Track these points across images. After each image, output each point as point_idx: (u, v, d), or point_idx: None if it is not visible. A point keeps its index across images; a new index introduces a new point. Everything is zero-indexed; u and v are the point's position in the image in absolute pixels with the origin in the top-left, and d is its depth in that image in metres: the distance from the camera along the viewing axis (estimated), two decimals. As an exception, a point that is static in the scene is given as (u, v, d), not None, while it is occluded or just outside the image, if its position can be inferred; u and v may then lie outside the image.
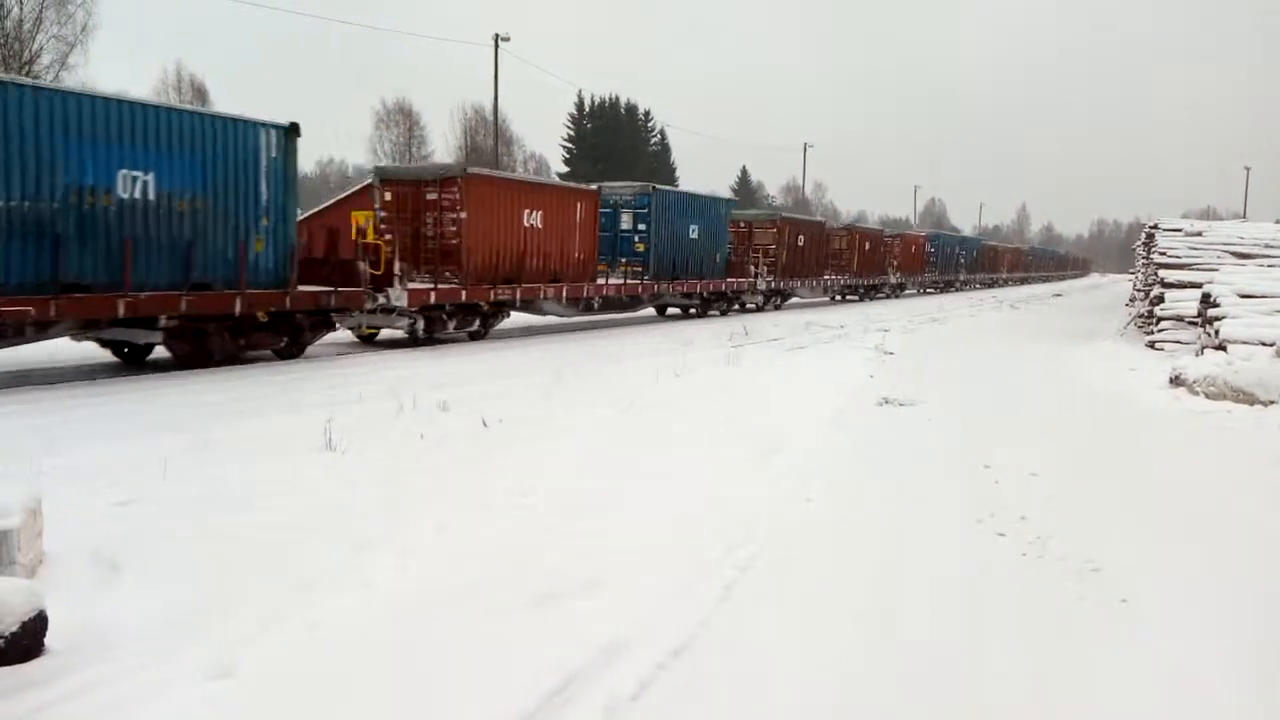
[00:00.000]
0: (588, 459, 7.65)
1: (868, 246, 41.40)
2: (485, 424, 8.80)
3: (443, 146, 66.55)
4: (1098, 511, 6.66)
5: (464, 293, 17.78)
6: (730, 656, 4.11)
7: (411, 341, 17.40)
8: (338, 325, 16.25)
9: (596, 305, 22.20)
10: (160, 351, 13.37)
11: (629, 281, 23.93)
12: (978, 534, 6.06)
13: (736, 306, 30.48)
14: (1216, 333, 14.37)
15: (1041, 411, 11.26)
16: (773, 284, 31.63)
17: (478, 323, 18.69)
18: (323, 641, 4.07)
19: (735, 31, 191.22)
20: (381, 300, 16.03)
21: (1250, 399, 11.17)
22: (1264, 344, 12.89)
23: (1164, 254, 21.62)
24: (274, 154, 13.72)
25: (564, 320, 22.02)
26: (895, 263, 45.37)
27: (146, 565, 4.72)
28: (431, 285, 17.14)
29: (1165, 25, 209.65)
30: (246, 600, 4.41)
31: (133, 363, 13.75)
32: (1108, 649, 4.31)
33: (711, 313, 28.19)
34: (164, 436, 8.00)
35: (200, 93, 60.87)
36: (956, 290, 55.35)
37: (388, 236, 16.99)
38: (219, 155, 12.92)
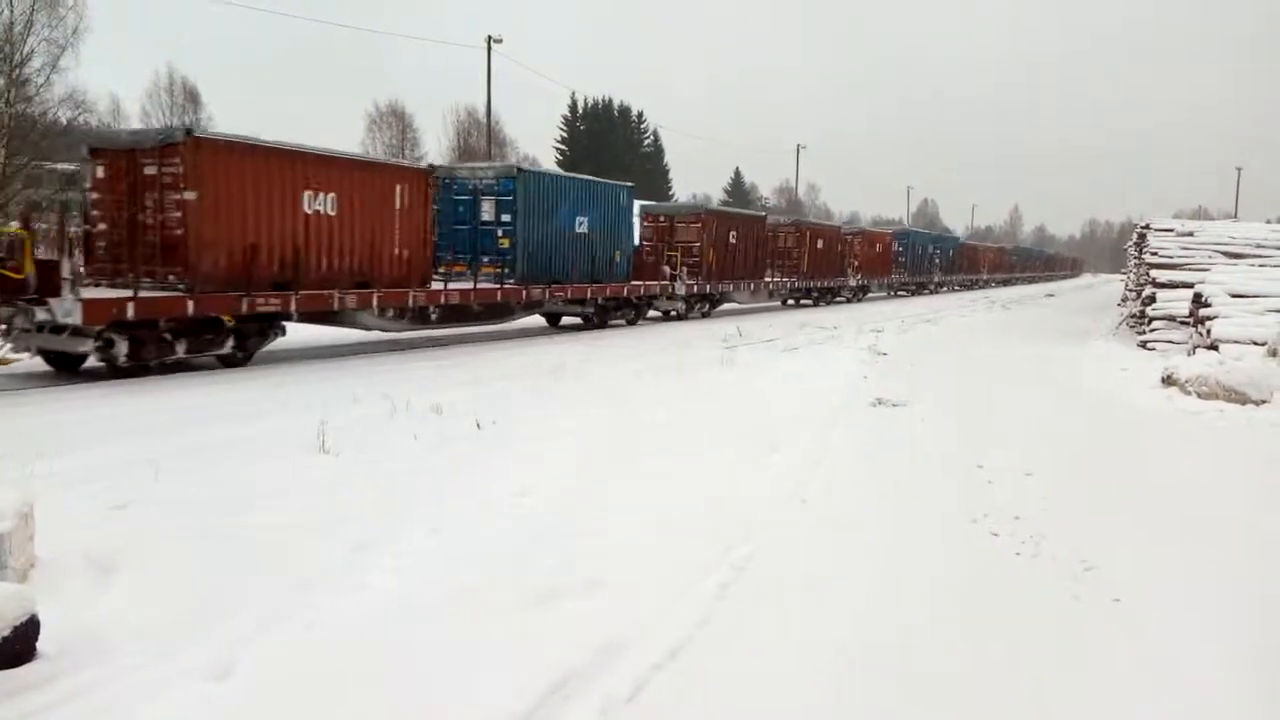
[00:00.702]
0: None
1: (820, 245, 36.99)
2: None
3: (436, 148, 66.51)
4: (1091, 511, 6.68)
5: (192, 303, 12.72)
6: (727, 657, 4.11)
7: (112, 371, 12.30)
8: None
9: (434, 316, 17.45)
10: None
11: (482, 286, 18.65)
12: (972, 534, 6.08)
13: (650, 315, 26.28)
14: (1208, 332, 14.43)
15: (1034, 412, 11.28)
16: (696, 288, 27.05)
17: (230, 343, 13.66)
18: (320, 642, 4.06)
19: (729, 33, 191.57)
20: (43, 315, 11.41)
21: (1242, 398, 11.21)
22: (1255, 343, 12.94)
23: (1156, 254, 21.69)
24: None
25: (392, 336, 17.35)
26: (856, 263, 41.32)
27: (140, 568, 4.70)
28: (129, 294, 12.02)
29: (1158, 27, 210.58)
30: (243, 602, 4.40)
31: None
32: (1102, 649, 4.32)
33: (616, 322, 23.81)
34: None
35: (192, 96, 60.71)
36: (930, 293, 51.58)
37: (102, 226, 13.24)
38: None
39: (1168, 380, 12.58)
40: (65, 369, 12.67)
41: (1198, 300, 16.08)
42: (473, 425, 8.69)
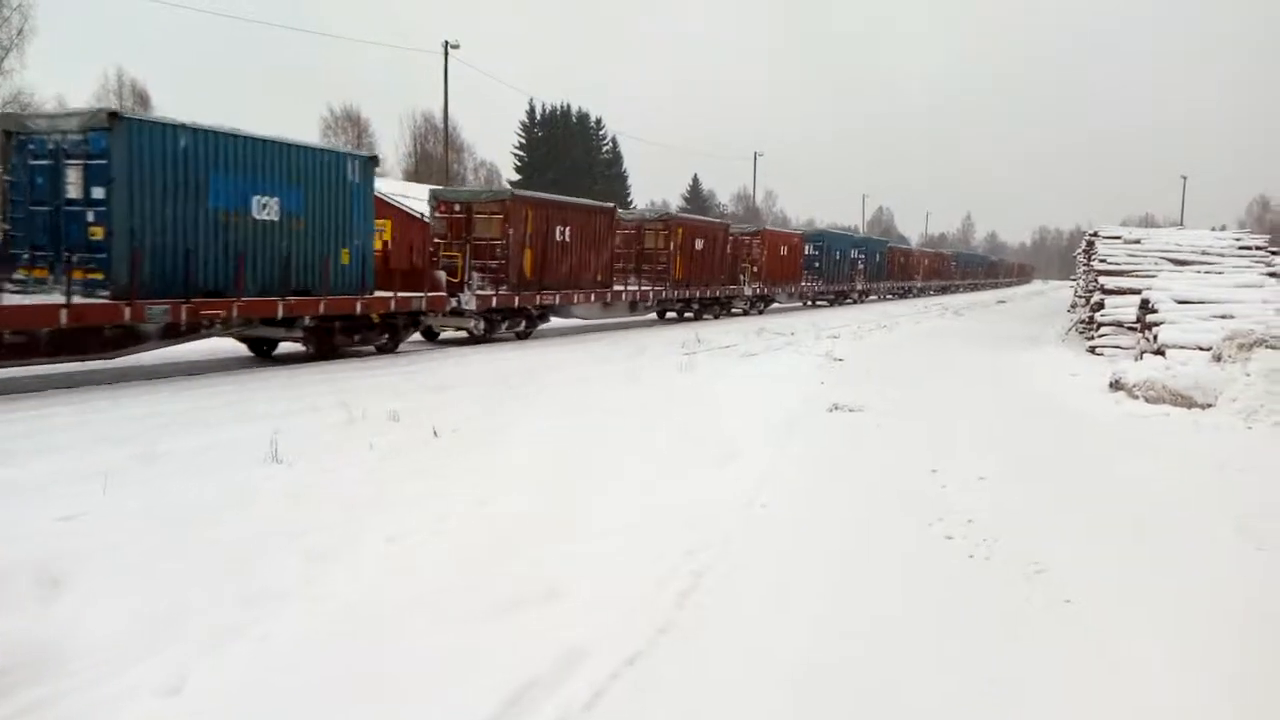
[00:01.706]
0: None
1: (699, 245, 30.49)
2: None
3: (393, 154, 66.09)
4: (1042, 514, 6.80)
5: None
6: (686, 665, 4.13)
7: None
8: None
9: None
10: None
11: (40, 304, 11.60)
12: (927, 537, 6.16)
13: (442, 337, 20.73)
14: (1155, 338, 14.73)
15: (986, 416, 11.45)
16: (498, 300, 20.18)
17: None
18: (275, 654, 4.01)
19: (688, 41, 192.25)
20: None
21: (1188, 402, 11.47)
22: (1201, 349, 13.23)
23: (1104, 261, 22.13)
24: None
25: None
26: (756, 268, 35.47)
27: (91, 581, 4.61)
28: None
29: (1106, 39, 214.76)
30: (195, 615, 4.34)
31: None
32: (1054, 649, 4.40)
33: (368, 351, 17.13)
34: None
35: (143, 99, 59.81)
36: (854, 303, 46.78)
37: None
38: None
39: (1116, 385, 12.83)
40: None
41: (1145, 306, 16.42)
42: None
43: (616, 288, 25.72)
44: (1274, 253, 23.08)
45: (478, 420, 9.69)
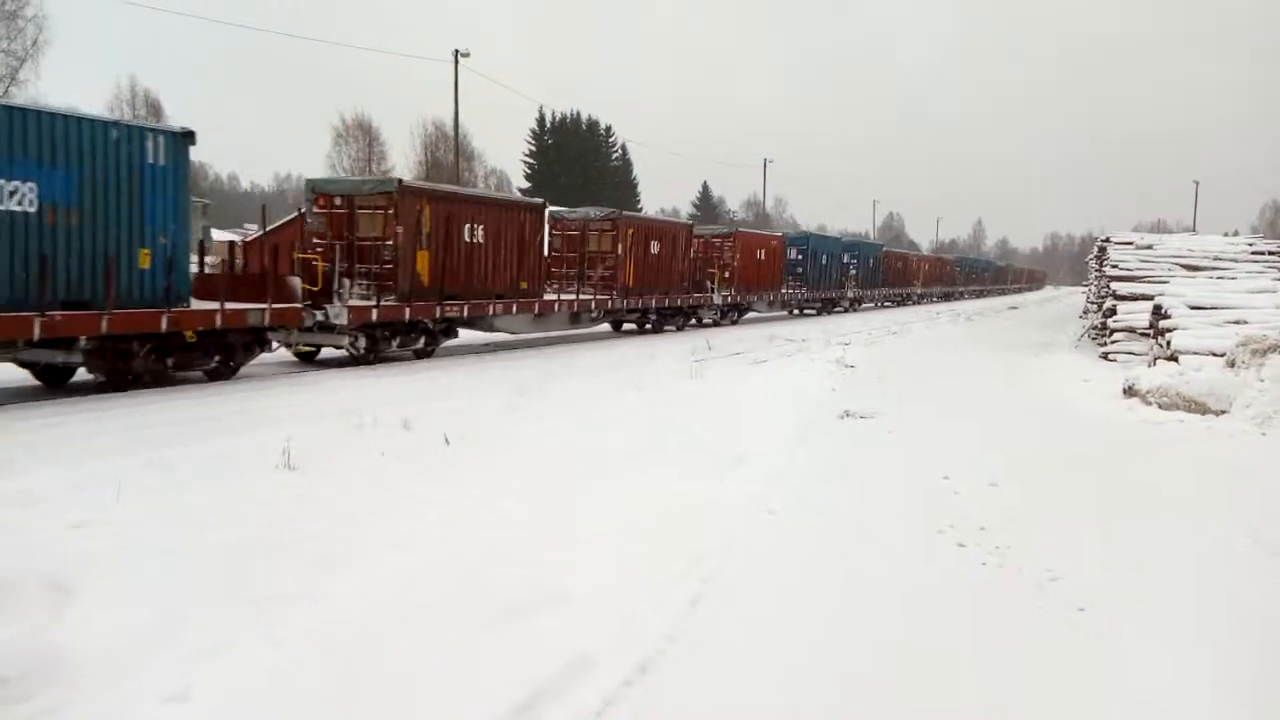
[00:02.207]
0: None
1: (655, 248, 26.62)
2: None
3: (403, 162, 66.28)
4: (1055, 521, 6.75)
5: None
6: (697, 672, 4.10)
7: None
8: None
9: None
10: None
11: None
12: (939, 544, 6.12)
13: (296, 360, 17.12)
14: (1168, 344, 14.64)
15: (998, 423, 11.40)
16: (382, 313, 16.23)
17: None
18: (283, 661, 4.00)
19: (698, 51, 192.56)
20: None
21: (1202, 408, 11.39)
22: (1214, 354, 13.14)
23: (1116, 267, 22.03)
24: None
25: None
26: (728, 274, 31.65)
27: (100, 588, 4.62)
28: None
29: (1116, 43, 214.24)
30: (203, 621, 4.33)
31: None
32: (1067, 657, 4.36)
33: (196, 378, 13.59)
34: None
35: (154, 108, 60.19)
36: (846, 311, 43.43)
37: None
38: None
39: (1129, 391, 12.75)
40: None
41: (1157, 312, 16.33)
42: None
43: (549, 297, 21.79)
44: (1287, 258, 22.94)
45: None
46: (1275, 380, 11.06)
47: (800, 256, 39.21)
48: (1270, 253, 23.31)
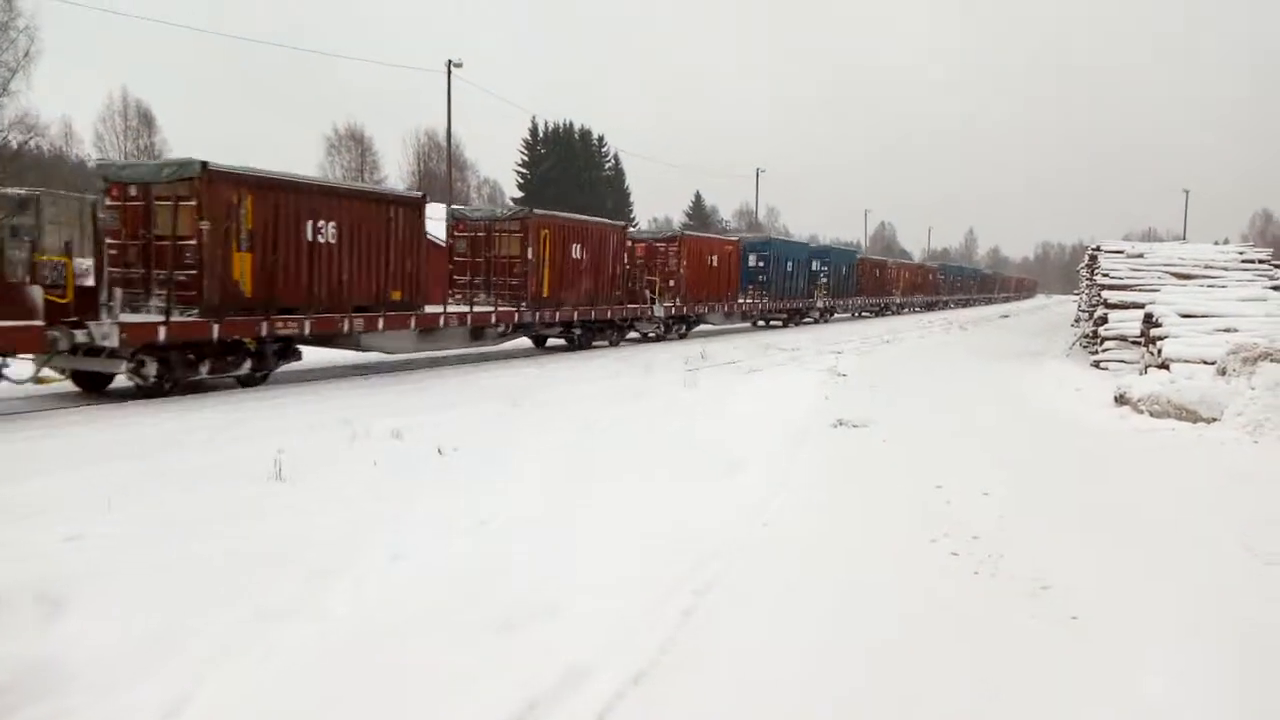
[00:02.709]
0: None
1: (578, 253, 23.42)
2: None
3: (395, 172, 66.33)
4: (1047, 530, 6.77)
5: None
6: (692, 683, 4.10)
7: None
8: None
9: None
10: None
11: None
12: (932, 553, 6.13)
13: (78, 390, 13.55)
14: (1159, 352, 14.70)
15: (990, 431, 11.42)
16: (174, 331, 12.87)
17: None
18: (277, 673, 4.00)
19: (692, 61, 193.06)
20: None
21: (1194, 416, 11.43)
22: (1206, 362, 13.21)
23: (1107, 275, 22.10)
24: None
25: None
26: (672, 282, 28.50)
27: (94, 600, 4.60)
28: None
29: (1109, 53, 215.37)
30: (197, 633, 4.32)
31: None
32: (1060, 668, 4.38)
33: None
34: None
35: (147, 120, 60.15)
36: (814, 322, 40.83)
37: None
38: None
39: (1121, 399, 12.80)
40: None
41: (1149, 320, 16.40)
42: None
43: (433, 309, 18.22)
44: (1277, 266, 23.04)
45: None
46: (1266, 388, 11.12)
47: (762, 263, 35.95)
48: (1260, 261, 23.41)
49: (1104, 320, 20.17)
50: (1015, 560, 5.93)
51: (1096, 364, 19.04)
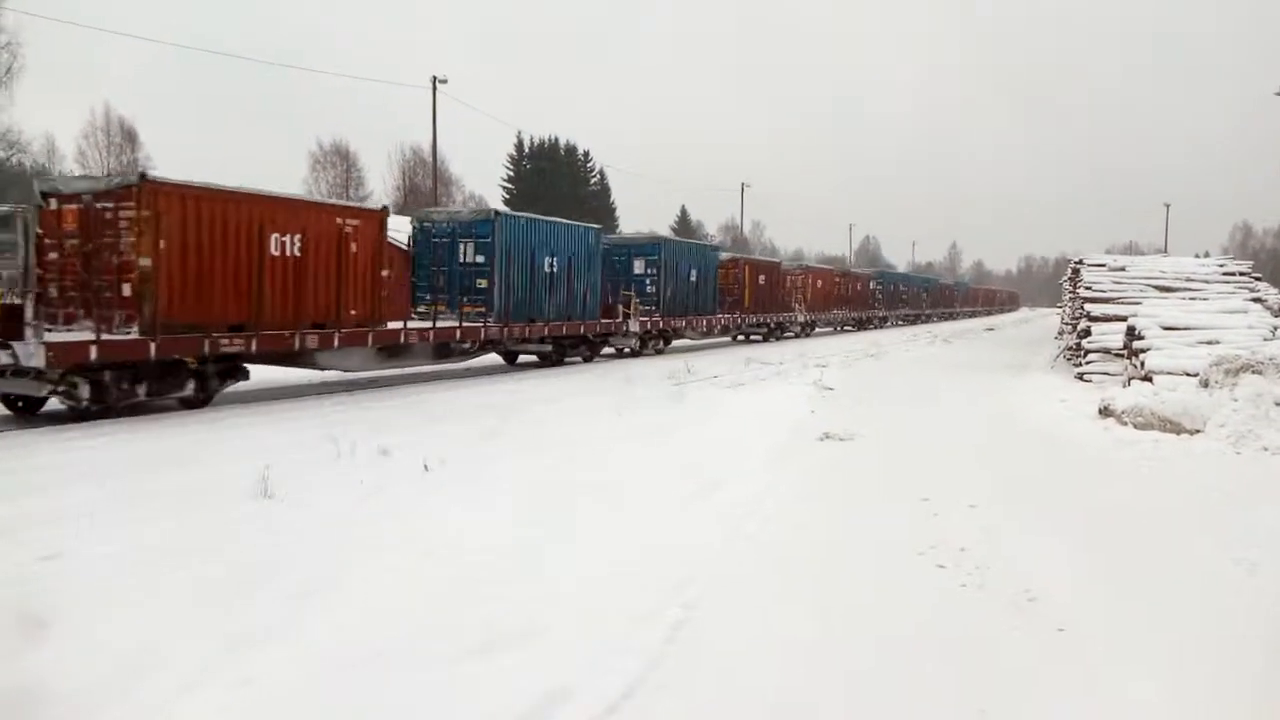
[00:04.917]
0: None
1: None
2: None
3: (380, 188, 66.26)
4: (1033, 542, 6.77)
5: None
6: (675, 705, 4.06)
7: None
8: None
9: None
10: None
11: None
12: (919, 566, 6.11)
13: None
14: (1142, 364, 14.77)
15: (976, 444, 11.44)
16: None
17: None
18: (254, 699, 3.94)
19: (677, 77, 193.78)
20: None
21: (1177, 428, 11.48)
22: (1188, 374, 13.27)
23: (1089, 288, 22.20)
24: None
25: None
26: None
27: (71, 623, 4.53)
28: None
29: (1087, 68, 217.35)
30: (174, 657, 4.25)
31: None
32: (1046, 680, 4.36)
33: None
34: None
35: (130, 136, 59.92)
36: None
37: None
38: None
39: (1105, 411, 12.85)
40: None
41: (1131, 333, 16.48)
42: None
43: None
44: (1257, 278, 23.23)
45: None
46: (1248, 399, 11.18)
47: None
48: (1241, 273, 23.59)
49: (1087, 333, 20.25)
50: (1001, 572, 5.92)
51: (1080, 376, 19.11)
